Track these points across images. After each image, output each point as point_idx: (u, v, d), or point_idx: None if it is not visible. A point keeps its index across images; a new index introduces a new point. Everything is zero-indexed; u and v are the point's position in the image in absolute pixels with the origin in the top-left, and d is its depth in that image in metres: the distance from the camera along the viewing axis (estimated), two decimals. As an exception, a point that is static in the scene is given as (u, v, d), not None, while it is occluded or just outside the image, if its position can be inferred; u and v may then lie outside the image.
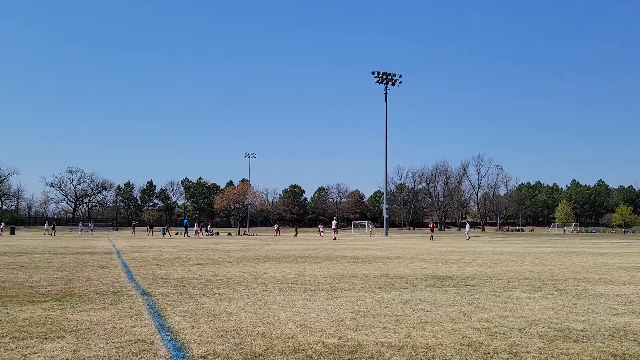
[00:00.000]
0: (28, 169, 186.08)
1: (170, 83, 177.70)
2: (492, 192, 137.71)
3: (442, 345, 4.70)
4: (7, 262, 14.06)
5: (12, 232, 59.21)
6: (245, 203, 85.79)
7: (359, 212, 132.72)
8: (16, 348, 4.38)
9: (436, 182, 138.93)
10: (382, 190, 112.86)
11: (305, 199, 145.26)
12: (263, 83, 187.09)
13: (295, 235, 55.31)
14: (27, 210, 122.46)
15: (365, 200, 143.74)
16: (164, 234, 57.95)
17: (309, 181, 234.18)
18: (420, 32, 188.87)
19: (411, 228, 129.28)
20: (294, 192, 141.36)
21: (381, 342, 4.77)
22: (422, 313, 6.29)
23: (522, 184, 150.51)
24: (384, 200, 73.95)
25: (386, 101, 70.92)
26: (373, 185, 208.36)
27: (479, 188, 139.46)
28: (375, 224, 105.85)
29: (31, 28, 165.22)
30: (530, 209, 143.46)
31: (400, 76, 70.80)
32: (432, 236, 44.10)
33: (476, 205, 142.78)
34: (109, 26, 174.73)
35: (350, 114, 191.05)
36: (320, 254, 18.64)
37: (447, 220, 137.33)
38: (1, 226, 58.45)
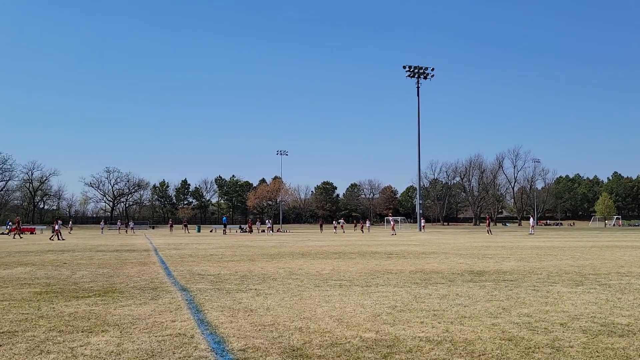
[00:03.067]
0: (68, 170, 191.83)
1: (202, 83, 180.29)
2: (529, 186, 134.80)
3: (481, 339, 4.64)
4: (50, 259, 14.54)
5: (53, 231, 61.14)
6: (277, 200, 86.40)
7: (391, 208, 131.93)
8: (63, 341, 4.53)
9: (470, 177, 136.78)
10: (415, 186, 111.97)
11: (338, 195, 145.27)
12: (294, 80, 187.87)
13: (321, 231, 55.17)
14: (68, 210, 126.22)
15: (398, 195, 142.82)
16: (199, 231, 58.91)
17: (341, 177, 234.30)
18: (453, 25, 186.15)
19: (445, 223, 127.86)
20: (326, 188, 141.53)
21: (419, 337, 4.74)
22: (460, 308, 6.22)
23: (560, 177, 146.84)
24: (417, 196, 73.37)
25: (418, 95, 70.31)
26: (406, 181, 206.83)
27: (515, 182, 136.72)
28: (409, 219, 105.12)
29: (64, 34, 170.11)
30: (569, 203, 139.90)
31: (433, 70, 70.08)
32: (489, 230, 43.40)
33: (512, 200, 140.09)
34: (147, 25, 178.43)
35: (382, 109, 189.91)
36: (354, 250, 18.62)
37: (482, 215, 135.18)
38: (62, 224, 60.35)
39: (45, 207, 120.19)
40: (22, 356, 4.06)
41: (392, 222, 51.16)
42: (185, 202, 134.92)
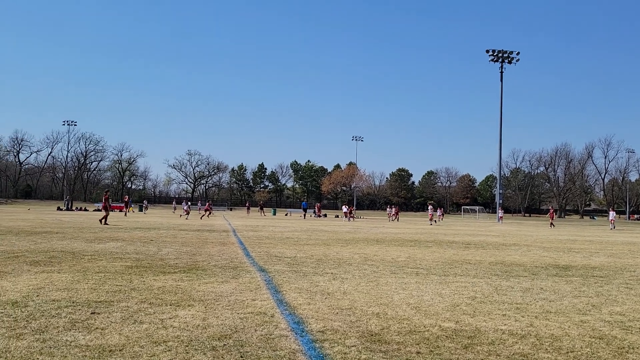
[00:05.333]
0: (153, 152, 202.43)
1: (278, 67, 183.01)
2: (621, 178, 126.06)
3: (569, 336, 4.42)
4: (139, 236, 15.45)
5: (141, 210, 65.04)
6: (352, 186, 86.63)
7: (469, 197, 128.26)
8: (154, 313, 4.80)
9: (556, 166, 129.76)
10: (495, 175, 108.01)
11: (413, 182, 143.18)
12: (371, 66, 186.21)
13: (397, 219, 54.26)
14: (153, 190, 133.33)
15: (476, 184, 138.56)
16: (274, 214, 60.30)
17: (417, 164, 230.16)
18: (539, 11, 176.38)
19: (527, 214, 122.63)
20: (401, 175, 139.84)
21: (501, 329, 4.59)
22: (545, 302, 5.95)
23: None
24: (498, 185, 70.82)
25: (501, 80, 67.46)
26: (485, 169, 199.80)
27: (605, 173, 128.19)
28: (487, 209, 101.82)
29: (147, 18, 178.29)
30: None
31: (518, 53, 66.88)
32: (552, 223, 41.33)
33: (602, 192, 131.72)
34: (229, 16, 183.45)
35: (461, 96, 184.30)
36: (430, 239, 18.33)
37: (567, 207, 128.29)
38: (145, 204, 64.24)
39: (133, 186, 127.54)
40: (118, 324, 4.35)
41: (430, 211, 45.26)
42: (262, 186, 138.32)
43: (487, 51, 67.28)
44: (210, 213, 38.03)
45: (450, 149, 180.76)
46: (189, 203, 40.62)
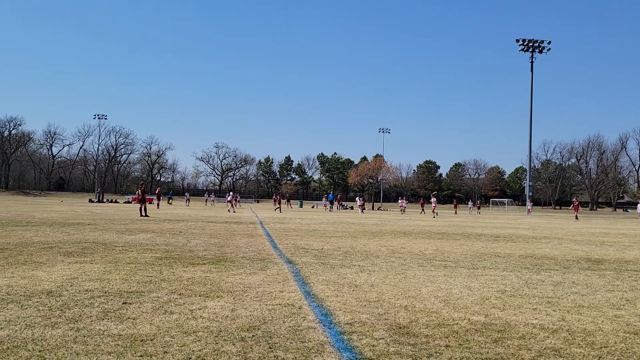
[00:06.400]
0: (182, 145, 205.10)
1: (304, 60, 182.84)
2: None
3: (602, 331, 4.32)
4: (167, 228, 15.69)
5: (169, 202, 66.19)
6: (378, 178, 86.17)
7: (498, 190, 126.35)
8: (184, 304, 4.87)
9: (588, 158, 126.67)
10: (525, 167, 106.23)
11: (441, 174, 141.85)
12: (398, 57, 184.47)
13: (422, 212, 53.48)
14: (181, 182, 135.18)
15: (505, 176, 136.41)
16: (301, 206, 60.51)
17: (445, 156, 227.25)
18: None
19: (557, 207, 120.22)
20: (429, 167, 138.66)
21: (532, 324, 4.51)
22: (577, 297, 5.82)
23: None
24: (528, 177, 69.65)
25: (532, 70, 66.15)
26: (514, 161, 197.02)
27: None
28: (517, 201, 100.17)
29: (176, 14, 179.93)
30: None
31: (549, 42, 65.37)
32: (576, 215, 40.40)
33: (636, 184, 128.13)
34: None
35: (490, 86, 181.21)
36: (458, 231, 18.14)
37: (599, 200, 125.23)
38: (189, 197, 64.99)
39: (162, 179, 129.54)
40: (149, 314, 4.43)
41: (434, 203, 42.91)
42: (289, 178, 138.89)
43: (517, 40, 66.06)
44: (232, 205, 37.66)
45: (479, 141, 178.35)
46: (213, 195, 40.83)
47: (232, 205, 37.08)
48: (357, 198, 51.12)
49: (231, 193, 39.74)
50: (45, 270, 6.63)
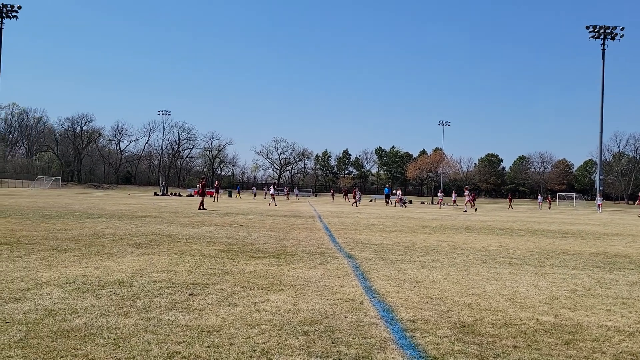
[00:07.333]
0: (241, 139, 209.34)
1: (362, 54, 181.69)
2: None
3: (686, 337, 4.04)
4: (229, 221, 16.06)
5: (230, 195, 67.82)
6: (438, 172, 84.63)
7: (565, 184, 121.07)
8: (247, 296, 4.97)
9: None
10: (595, 160, 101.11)
11: (503, 168, 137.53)
12: (458, 49, 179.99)
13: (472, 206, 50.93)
14: (241, 176, 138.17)
15: (573, 170, 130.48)
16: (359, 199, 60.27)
17: (508, 149, 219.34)
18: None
19: (630, 202, 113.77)
20: (491, 161, 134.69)
21: (606, 325, 4.29)
22: (656, 298, 5.48)
23: None
24: (598, 171, 66.25)
25: (603, 59, 62.72)
26: (583, 154, 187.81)
27: None
28: (586, 196, 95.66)
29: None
30: None
31: (622, 29, 61.74)
32: None
33: None
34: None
35: (557, 75, 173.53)
36: (522, 227, 17.53)
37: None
38: (271, 191, 66.41)
39: (222, 173, 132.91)
40: (214, 306, 4.54)
41: (467, 197, 39.72)
42: (346, 172, 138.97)
43: (587, 27, 62.74)
44: (273, 198, 37.23)
45: (545, 133, 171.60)
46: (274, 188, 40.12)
47: (273, 199, 37.10)
48: (397, 191, 49.84)
49: (271, 186, 39.48)
50: (116, 261, 6.94)
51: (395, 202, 46.43)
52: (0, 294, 4.71)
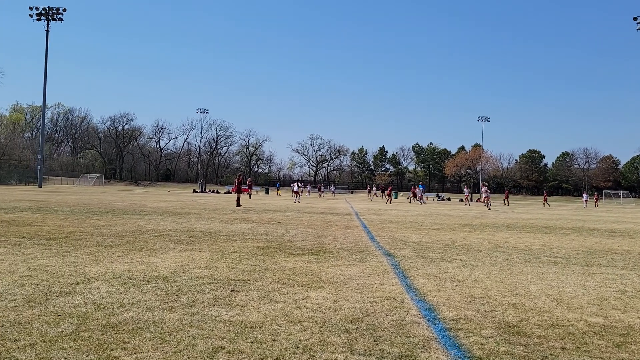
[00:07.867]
0: (278, 137, 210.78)
1: (399, 50, 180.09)
2: None
3: None
4: (267, 218, 16.20)
5: (267, 192, 68.45)
6: (477, 169, 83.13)
7: (611, 180, 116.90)
8: (287, 293, 5.00)
9: None
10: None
11: (546, 164, 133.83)
12: (498, 44, 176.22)
13: (506, 202, 49.64)
14: (277, 173, 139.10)
15: (620, 166, 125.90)
16: (396, 197, 59.92)
17: (550, 145, 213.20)
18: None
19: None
20: (532, 157, 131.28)
21: (660, 329, 4.12)
22: None
23: None
24: (644, 167, 63.73)
25: (650, 50, 60.07)
26: (631, 150, 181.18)
27: None
28: (633, 194, 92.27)
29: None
30: None
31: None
32: None
33: None
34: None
35: (600, 67, 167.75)
36: (567, 225, 17.04)
37: None
38: (308, 189, 66.66)
39: (259, 170, 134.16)
40: (255, 302, 4.59)
41: (486, 193, 37.81)
42: (383, 169, 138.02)
43: (635, 19, 60.33)
44: (298, 195, 37.08)
45: (589, 128, 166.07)
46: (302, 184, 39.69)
47: (297, 195, 36.86)
48: (418, 185, 48.99)
49: (297, 183, 39.16)
50: (159, 257, 7.10)
51: (418, 199, 45.56)
52: (51, 288, 4.89)
